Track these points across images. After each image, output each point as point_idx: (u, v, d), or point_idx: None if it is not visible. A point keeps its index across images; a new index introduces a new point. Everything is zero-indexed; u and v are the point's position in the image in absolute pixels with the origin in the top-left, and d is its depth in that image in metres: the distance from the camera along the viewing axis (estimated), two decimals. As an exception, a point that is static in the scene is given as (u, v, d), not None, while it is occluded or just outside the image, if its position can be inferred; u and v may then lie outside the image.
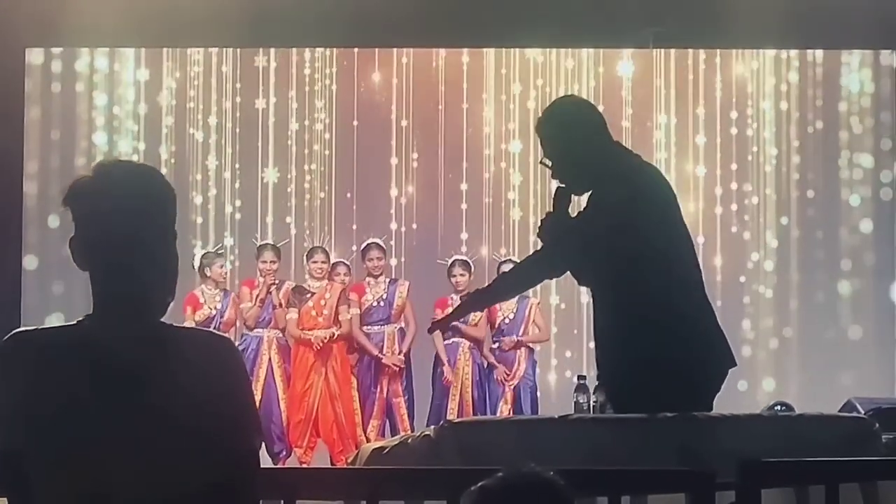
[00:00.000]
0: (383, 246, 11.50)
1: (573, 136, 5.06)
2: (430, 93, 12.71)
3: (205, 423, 2.72)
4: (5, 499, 2.79)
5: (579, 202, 5.17)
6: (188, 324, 10.24)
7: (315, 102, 12.70)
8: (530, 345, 11.23)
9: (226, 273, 11.35)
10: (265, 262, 11.22)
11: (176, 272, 2.84)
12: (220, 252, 11.60)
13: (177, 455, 2.69)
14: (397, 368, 11.03)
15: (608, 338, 5.06)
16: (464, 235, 12.50)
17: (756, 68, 12.71)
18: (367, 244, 11.43)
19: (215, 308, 11.12)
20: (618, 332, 4.98)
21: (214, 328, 10.36)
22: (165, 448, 2.69)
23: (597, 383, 5.32)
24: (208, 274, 11.13)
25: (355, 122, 12.70)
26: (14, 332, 2.80)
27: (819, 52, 12.67)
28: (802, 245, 12.67)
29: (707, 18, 11.88)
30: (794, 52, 12.67)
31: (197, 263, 11.17)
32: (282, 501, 3.62)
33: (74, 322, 2.78)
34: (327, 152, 12.70)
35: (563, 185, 5.15)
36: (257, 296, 11.04)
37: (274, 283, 11.09)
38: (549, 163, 5.08)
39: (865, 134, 12.64)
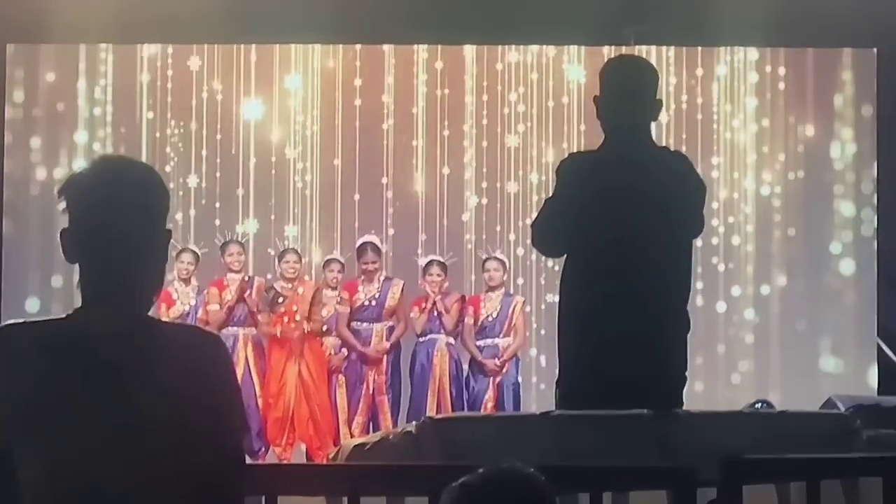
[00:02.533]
0: (379, 246, 11.41)
1: (650, 92, 5.12)
2: (410, 90, 12.70)
3: (191, 417, 2.72)
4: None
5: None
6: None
7: (307, 102, 12.70)
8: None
9: (187, 270, 11.13)
10: (231, 254, 11.15)
11: (164, 269, 2.87)
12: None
13: (163, 450, 2.70)
14: (382, 361, 11.01)
15: (572, 326, 5.05)
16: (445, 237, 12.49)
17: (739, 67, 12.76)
18: (363, 244, 11.32)
19: (189, 305, 11.07)
20: (582, 321, 4.98)
21: (188, 325, 10.28)
22: (151, 443, 2.69)
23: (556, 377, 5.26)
24: (174, 269, 10.98)
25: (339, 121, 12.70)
26: (1, 325, 2.80)
27: (811, 62, 12.73)
28: (787, 243, 12.70)
29: (690, 16, 11.89)
30: (781, 69, 12.72)
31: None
32: (263, 498, 3.61)
33: (64, 316, 2.78)
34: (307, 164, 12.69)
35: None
36: (227, 303, 10.98)
37: (248, 291, 11.03)
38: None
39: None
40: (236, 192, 12.53)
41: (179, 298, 11.07)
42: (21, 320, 2.81)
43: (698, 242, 11.60)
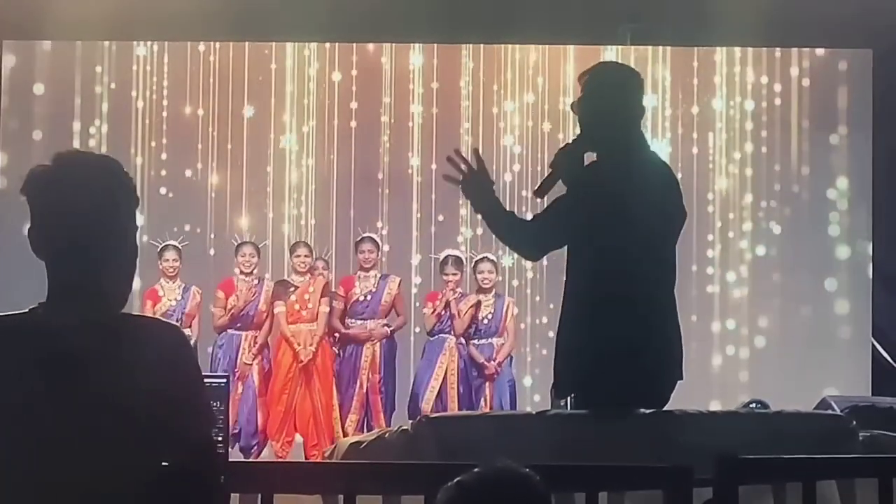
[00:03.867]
0: (377, 240, 11.49)
1: (630, 97, 5.04)
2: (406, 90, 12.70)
3: (154, 410, 2.72)
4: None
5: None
6: (147, 316, 10.13)
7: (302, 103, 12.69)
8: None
9: (172, 267, 11.09)
10: (244, 255, 11.15)
11: (133, 263, 2.86)
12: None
13: (127, 442, 2.70)
14: (376, 359, 10.99)
15: (573, 324, 5.00)
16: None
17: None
18: (362, 237, 11.44)
19: (175, 300, 11.04)
20: (585, 321, 4.93)
21: (176, 321, 10.26)
22: (115, 436, 2.69)
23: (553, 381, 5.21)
24: (159, 266, 10.97)
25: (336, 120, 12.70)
26: None
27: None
28: (780, 250, 12.70)
29: (685, 16, 11.89)
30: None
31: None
32: (259, 496, 3.60)
33: (26, 310, 2.78)
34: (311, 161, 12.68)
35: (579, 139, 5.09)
36: (230, 310, 10.96)
37: (255, 293, 11.01)
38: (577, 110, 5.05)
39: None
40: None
41: (165, 295, 11.05)
42: None
43: (693, 268, 11.77)
